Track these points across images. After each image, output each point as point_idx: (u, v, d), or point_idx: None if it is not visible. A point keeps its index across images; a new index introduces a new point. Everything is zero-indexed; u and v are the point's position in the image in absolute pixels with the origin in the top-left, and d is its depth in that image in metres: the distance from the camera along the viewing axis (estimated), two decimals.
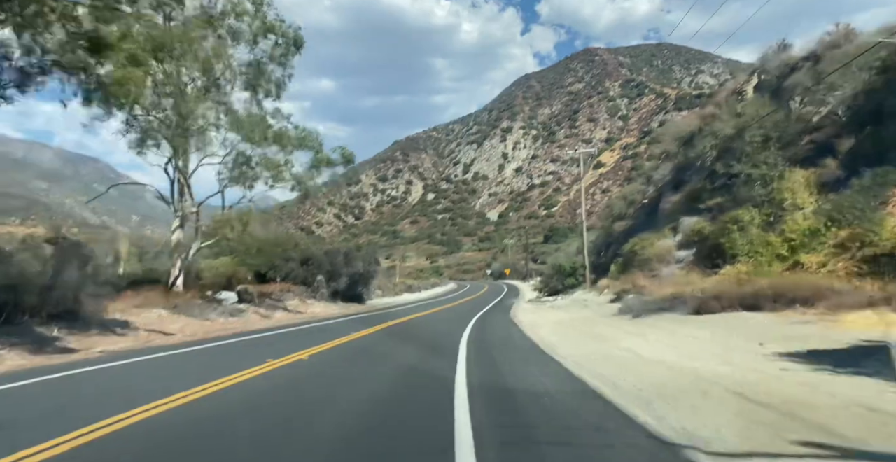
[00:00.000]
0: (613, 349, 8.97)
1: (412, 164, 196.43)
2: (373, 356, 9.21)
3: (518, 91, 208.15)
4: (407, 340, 11.72)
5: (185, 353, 9.37)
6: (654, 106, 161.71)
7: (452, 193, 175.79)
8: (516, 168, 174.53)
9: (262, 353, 8.72)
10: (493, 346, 10.11)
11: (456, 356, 8.31)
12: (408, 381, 6.56)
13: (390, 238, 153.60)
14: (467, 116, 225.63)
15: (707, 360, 7.14)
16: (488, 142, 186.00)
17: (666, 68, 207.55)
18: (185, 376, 6.71)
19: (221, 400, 5.15)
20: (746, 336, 9.11)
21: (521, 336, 11.09)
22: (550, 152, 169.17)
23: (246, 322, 16.30)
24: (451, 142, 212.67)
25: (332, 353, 9.20)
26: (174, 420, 4.33)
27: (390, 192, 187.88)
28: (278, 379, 6.51)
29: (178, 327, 13.74)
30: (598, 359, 7.89)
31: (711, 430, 3.76)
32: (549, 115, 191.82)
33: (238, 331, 13.34)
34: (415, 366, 7.87)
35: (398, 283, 38.10)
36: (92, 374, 7.02)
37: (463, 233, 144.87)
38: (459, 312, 18.78)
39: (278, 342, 10.99)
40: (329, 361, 8.30)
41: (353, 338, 11.30)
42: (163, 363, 8.18)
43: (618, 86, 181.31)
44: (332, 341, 10.46)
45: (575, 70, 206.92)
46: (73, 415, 4.56)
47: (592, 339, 10.60)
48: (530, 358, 8.45)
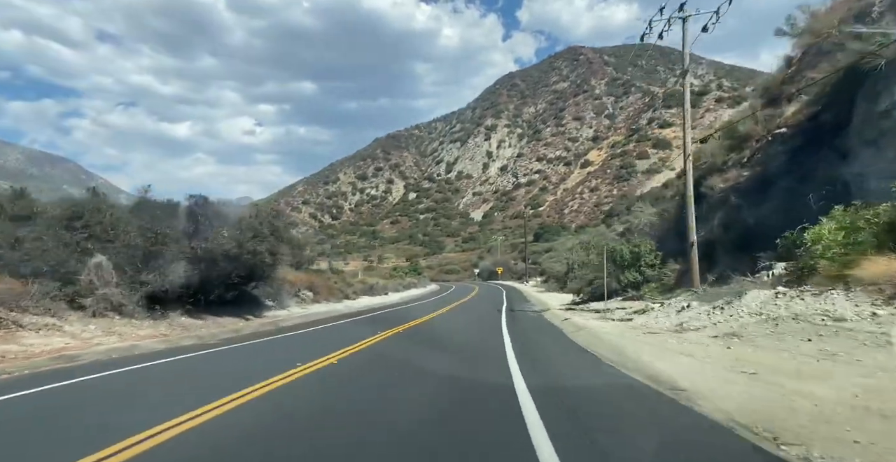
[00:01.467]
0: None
1: (393, 162, 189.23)
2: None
3: (502, 89, 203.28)
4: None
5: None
6: (641, 104, 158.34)
7: (435, 193, 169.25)
8: (501, 167, 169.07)
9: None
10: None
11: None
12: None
13: (369, 239, 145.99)
14: (450, 115, 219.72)
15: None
16: (472, 140, 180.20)
17: (651, 68, 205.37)
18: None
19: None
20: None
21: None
22: (536, 151, 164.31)
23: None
24: (433, 140, 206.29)
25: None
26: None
27: (370, 191, 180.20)
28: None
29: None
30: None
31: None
32: (533, 113, 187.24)
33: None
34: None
35: (357, 282, 27.86)
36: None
37: (446, 233, 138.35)
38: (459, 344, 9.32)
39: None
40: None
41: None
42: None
43: (603, 84, 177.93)
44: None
45: (559, 69, 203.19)
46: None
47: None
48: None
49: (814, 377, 4.89)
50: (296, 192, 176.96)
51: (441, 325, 12.89)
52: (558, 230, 78.19)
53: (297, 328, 12.31)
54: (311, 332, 11.41)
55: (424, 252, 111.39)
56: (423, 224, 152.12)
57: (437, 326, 12.52)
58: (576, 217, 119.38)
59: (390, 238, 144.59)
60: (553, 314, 13.34)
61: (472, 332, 10.34)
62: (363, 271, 58.33)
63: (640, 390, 5.21)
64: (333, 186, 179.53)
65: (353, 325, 12.81)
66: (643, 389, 5.26)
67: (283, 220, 19.69)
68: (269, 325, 13.10)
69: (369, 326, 11.85)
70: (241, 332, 11.66)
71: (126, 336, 9.91)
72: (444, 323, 12.80)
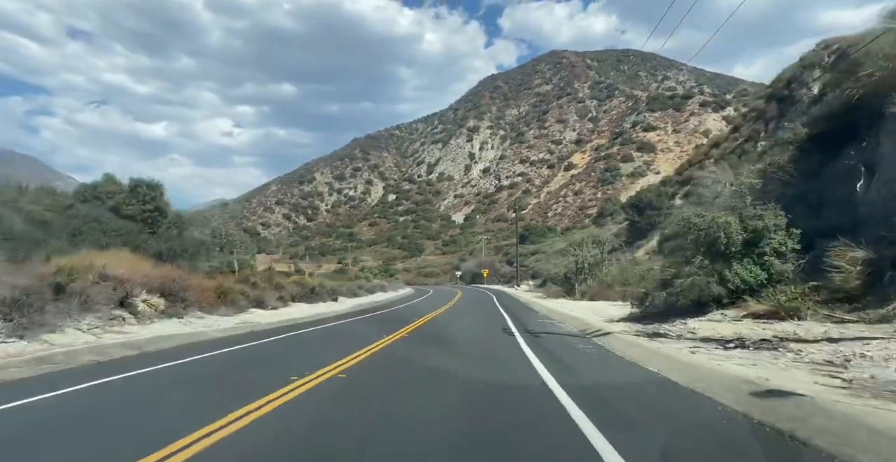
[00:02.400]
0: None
1: (372, 163, 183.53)
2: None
3: (485, 91, 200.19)
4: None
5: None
6: (624, 108, 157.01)
7: (416, 194, 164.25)
8: (483, 169, 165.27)
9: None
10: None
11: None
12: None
13: (346, 241, 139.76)
14: (432, 116, 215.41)
15: None
16: (454, 141, 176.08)
17: (633, 74, 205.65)
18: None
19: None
20: None
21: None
22: (519, 153, 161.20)
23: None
24: (414, 141, 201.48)
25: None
26: None
27: (348, 191, 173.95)
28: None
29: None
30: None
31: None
32: (516, 115, 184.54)
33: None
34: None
35: (290, 283, 20.70)
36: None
37: (426, 236, 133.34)
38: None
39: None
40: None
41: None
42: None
43: (587, 87, 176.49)
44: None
45: (542, 71, 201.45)
46: None
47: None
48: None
49: None
50: (269, 192, 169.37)
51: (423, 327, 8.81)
52: (544, 232, 74.19)
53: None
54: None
55: (403, 255, 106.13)
56: (403, 226, 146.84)
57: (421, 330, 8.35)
58: (560, 220, 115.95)
59: (368, 240, 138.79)
60: (632, 345, 7.10)
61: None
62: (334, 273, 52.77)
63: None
64: (309, 186, 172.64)
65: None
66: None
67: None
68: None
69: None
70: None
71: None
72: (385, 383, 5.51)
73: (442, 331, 10.91)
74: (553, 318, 12.76)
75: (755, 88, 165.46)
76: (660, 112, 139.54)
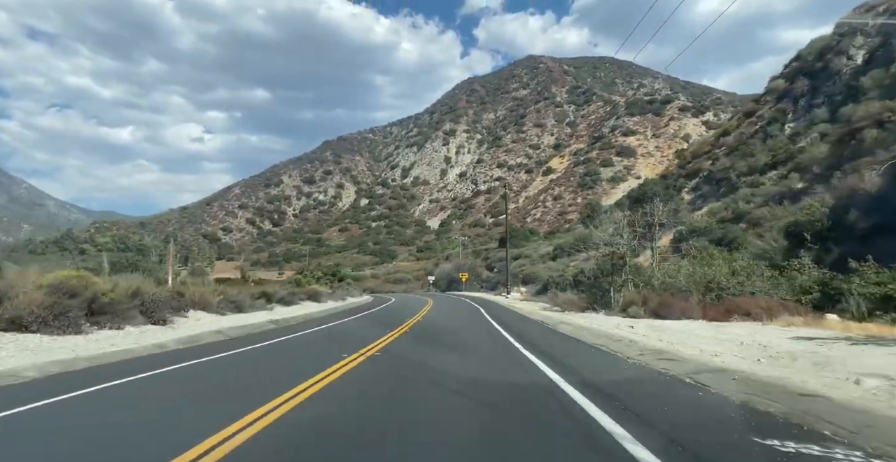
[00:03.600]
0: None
1: (344, 166, 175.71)
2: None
3: (461, 94, 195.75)
4: None
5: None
6: (602, 113, 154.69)
7: (389, 199, 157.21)
8: (460, 173, 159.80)
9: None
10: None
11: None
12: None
13: (314, 247, 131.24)
14: (407, 119, 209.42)
15: None
16: (430, 145, 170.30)
17: (609, 81, 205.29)
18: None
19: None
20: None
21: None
22: (497, 157, 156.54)
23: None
24: (388, 144, 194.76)
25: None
26: None
27: (317, 195, 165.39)
28: None
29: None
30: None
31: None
32: (494, 119, 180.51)
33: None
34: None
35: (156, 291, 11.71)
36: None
37: (399, 242, 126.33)
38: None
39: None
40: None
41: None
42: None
43: (564, 92, 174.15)
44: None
45: (519, 76, 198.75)
46: None
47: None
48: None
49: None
50: (231, 195, 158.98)
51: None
52: (526, 235, 68.51)
53: None
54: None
55: (374, 261, 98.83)
56: (376, 232, 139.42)
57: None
58: (539, 225, 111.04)
59: (337, 247, 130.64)
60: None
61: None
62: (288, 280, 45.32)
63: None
64: (276, 190, 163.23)
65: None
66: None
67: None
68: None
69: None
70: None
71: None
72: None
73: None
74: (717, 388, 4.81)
75: (728, 97, 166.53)
76: (639, 117, 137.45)
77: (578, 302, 13.90)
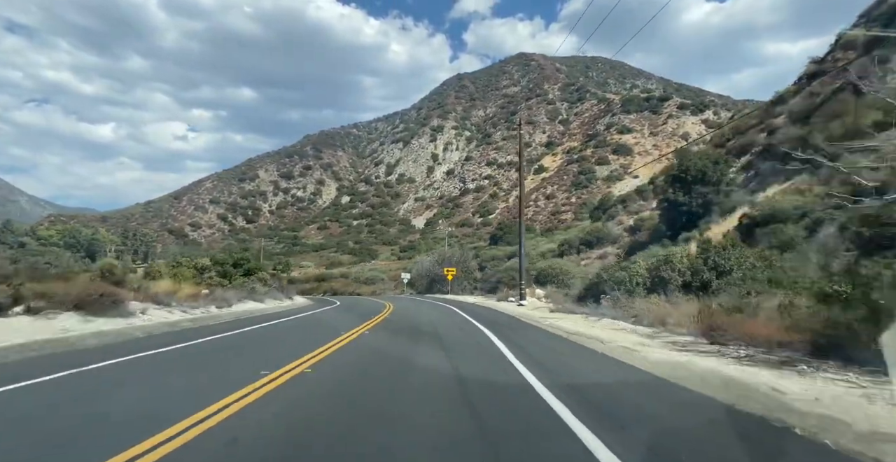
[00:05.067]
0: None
1: (325, 161, 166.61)
2: None
3: (450, 90, 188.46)
4: None
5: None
6: (596, 111, 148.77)
7: (373, 197, 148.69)
8: (447, 171, 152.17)
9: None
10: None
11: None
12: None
13: (289, 245, 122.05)
14: (393, 115, 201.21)
15: None
16: (416, 141, 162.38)
17: (601, 81, 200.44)
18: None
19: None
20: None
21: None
22: (486, 155, 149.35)
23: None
24: (373, 140, 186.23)
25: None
26: None
27: (296, 192, 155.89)
28: None
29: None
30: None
31: None
32: (483, 116, 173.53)
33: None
34: None
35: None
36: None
37: (382, 241, 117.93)
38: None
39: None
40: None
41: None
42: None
43: (556, 89, 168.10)
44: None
45: (510, 73, 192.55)
46: None
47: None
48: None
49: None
50: (202, 189, 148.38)
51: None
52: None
53: None
54: None
55: (351, 260, 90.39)
56: (357, 231, 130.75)
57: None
58: (531, 225, 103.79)
59: (314, 245, 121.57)
60: None
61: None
62: None
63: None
64: (251, 185, 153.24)
65: None
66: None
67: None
68: None
69: None
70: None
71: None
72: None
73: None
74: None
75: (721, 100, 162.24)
76: (635, 114, 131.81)
77: (665, 314, 6.59)
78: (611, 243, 32.38)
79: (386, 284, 46.52)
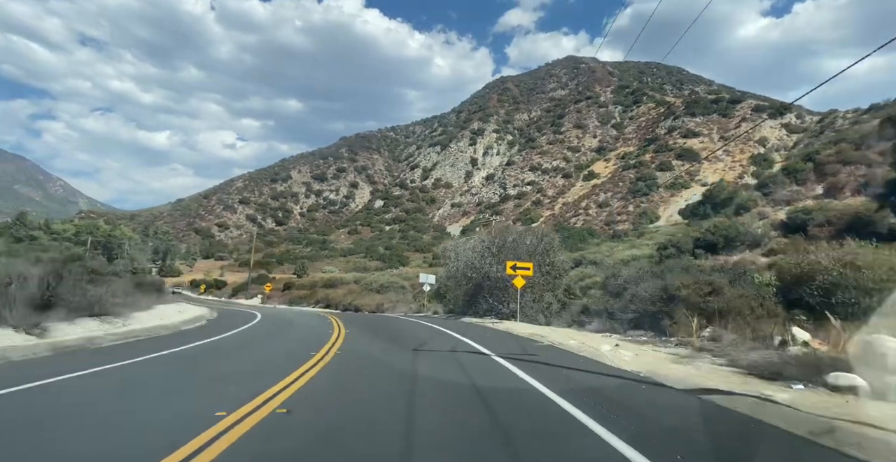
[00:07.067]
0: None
1: (360, 164, 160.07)
2: None
3: (493, 93, 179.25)
4: None
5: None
6: (655, 114, 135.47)
7: (407, 201, 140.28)
8: (487, 176, 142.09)
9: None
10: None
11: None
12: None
13: (317, 249, 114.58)
14: (431, 118, 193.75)
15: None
16: (455, 144, 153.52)
17: (657, 86, 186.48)
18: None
19: None
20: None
21: None
22: (529, 159, 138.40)
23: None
24: (410, 144, 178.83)
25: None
26: None
27: (328, 194, 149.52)
28: None
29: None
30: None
31: None
32: (527, 120, 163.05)
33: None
34: None
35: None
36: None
37: (414, 247, 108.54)
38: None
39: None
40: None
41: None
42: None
43: (609, 92, 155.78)
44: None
45: (557, 76, 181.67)
46: None
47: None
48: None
49: None
50: (233, 189, 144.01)
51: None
52: (582, 235, 49.51)
53: None
54: None
55: (379, 267, 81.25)
56: (388, 236, 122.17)
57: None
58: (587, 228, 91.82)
59: (343, 250, 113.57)
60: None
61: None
62: None
63: None
64: (283, 186, 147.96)
65: None
66: None
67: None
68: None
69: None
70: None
71: None
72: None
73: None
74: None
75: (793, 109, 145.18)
76: (702, 117, 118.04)
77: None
78: (749, 246, 21.16)
79: (404, 295, 35.02)
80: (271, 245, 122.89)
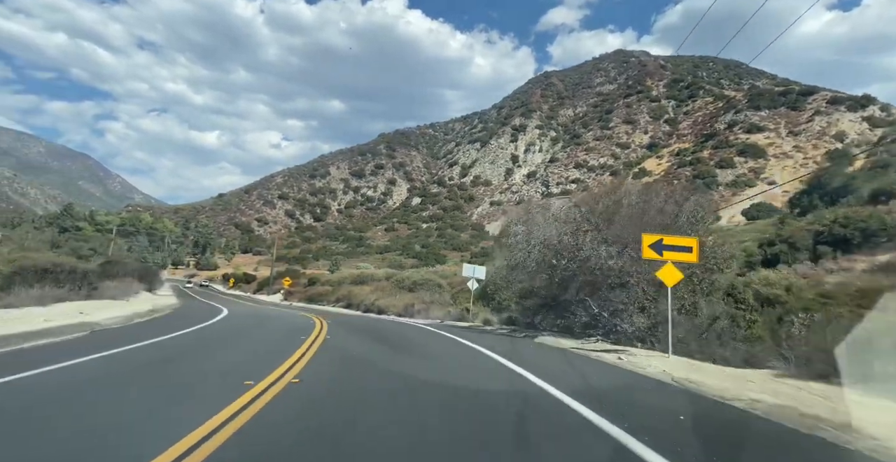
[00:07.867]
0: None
1: (398, 160, 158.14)
2: None
3: (536, 88, 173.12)
4: None
5: None
6: (713, 109, 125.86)
7: (444, 199, 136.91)
8: (528, 173, 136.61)
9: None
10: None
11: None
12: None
13: (353, 246, 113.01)
14: (471, 115, 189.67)
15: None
16: (495, 141, 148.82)
17: (713, 81, 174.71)
18: None
19: None
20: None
21: None
22: (574, 156, 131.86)
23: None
24: (449, 141, 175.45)
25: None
26: None
27: (366, 191, 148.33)
28: None
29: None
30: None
31: None
32: (572, 116, 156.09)
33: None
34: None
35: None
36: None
37: (451, 246, 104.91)
38: None
39: None
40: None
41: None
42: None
43: (662, 86, 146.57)
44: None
45: (605, 70, 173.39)
46: None
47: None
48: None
49: None
50: (273, 184, 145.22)
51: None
52: None
53: None
54: None
55: (414, 264, 78.09)
56: (425, 234, 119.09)
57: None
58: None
59: (380, 247, 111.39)
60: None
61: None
62: None
63: None
64: (322, 182, 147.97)
65: None
66: None
67: None
68: None
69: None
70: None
71: None
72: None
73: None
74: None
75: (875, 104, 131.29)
76: (768, 111, 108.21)
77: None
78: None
79: (440, 294, 30.32)
80: (308, 241, 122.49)
